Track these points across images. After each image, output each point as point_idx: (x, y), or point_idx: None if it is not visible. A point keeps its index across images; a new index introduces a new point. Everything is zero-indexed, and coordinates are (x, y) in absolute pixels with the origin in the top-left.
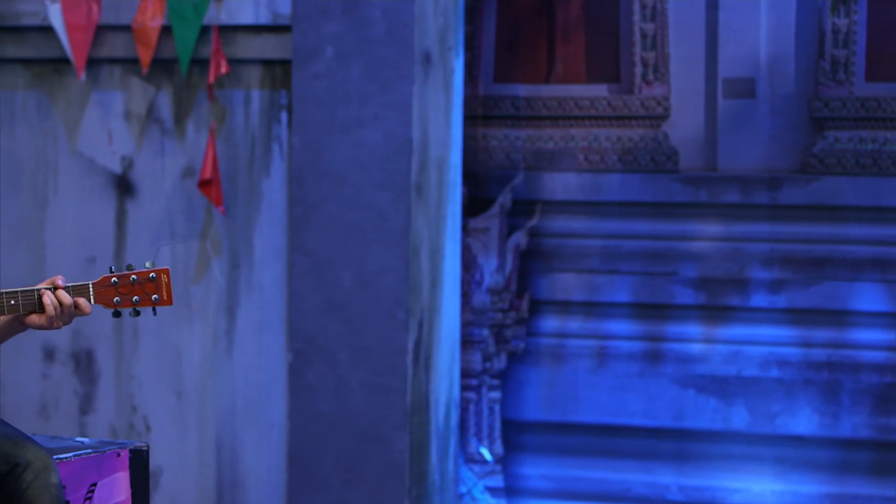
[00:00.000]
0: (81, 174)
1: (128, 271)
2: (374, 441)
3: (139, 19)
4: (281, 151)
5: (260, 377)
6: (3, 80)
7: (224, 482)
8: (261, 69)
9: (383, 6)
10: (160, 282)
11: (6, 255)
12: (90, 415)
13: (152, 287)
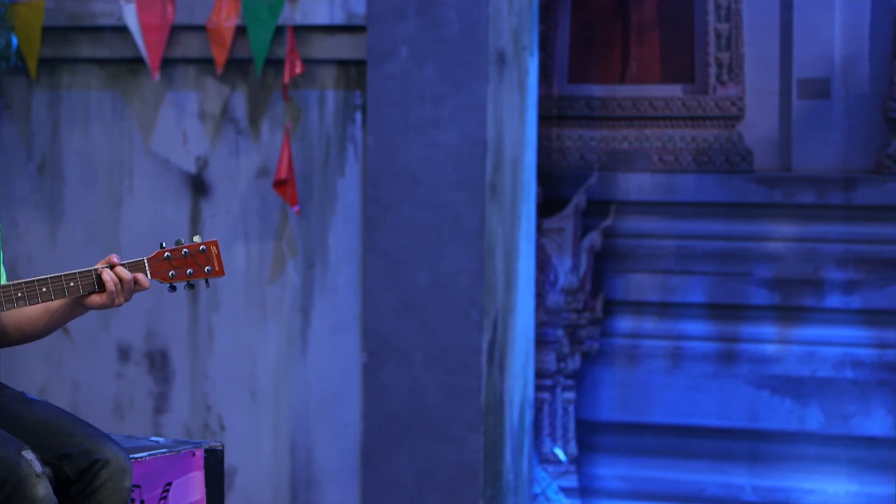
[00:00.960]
0: (156, 174)
1: (178, 245)
2: (448, 441)
3: (214, 19)
4: (355, 151)
5: (334, 377)
6: (78, 80)
7: (298, 482)
8: (335, 69)
9: (458, 6)
10: (211, 253)
11: (81, 255)
12: (165, 414)
13: (204, 259)
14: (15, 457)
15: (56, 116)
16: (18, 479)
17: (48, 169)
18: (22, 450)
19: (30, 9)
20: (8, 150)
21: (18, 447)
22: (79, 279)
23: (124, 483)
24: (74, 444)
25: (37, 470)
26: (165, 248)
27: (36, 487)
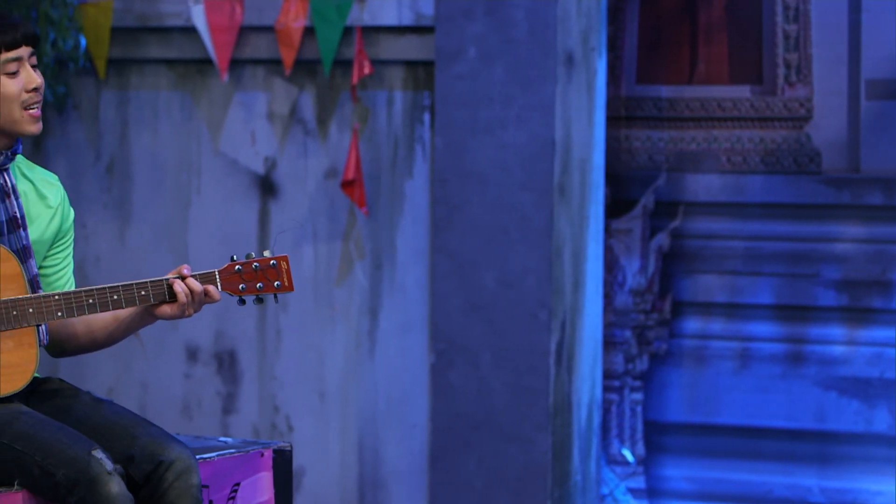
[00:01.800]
0: (224, 174)
1: (248, 259)
2: (516, 442)
3: (282, 20)
4: (424, 152)
5: (402, 378)
6: (146, 81)
7: (366, 482)
8: (403, 70)
9: (526, 7)
10: (280, 268)
11: (149, 255)
12: (233, 415)
13: (274, 273)
14: (85, 457)
15: (124, 117)
16: (90, 478)
17: (117, 169)
18: (92, 449)
19: (98, 10)
20: (76, 151)
21: (89, 447)
22: (150, 288)
23: (192, 480)
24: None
25: (108, 468)
26: (236, 261)
27: (109, 485)
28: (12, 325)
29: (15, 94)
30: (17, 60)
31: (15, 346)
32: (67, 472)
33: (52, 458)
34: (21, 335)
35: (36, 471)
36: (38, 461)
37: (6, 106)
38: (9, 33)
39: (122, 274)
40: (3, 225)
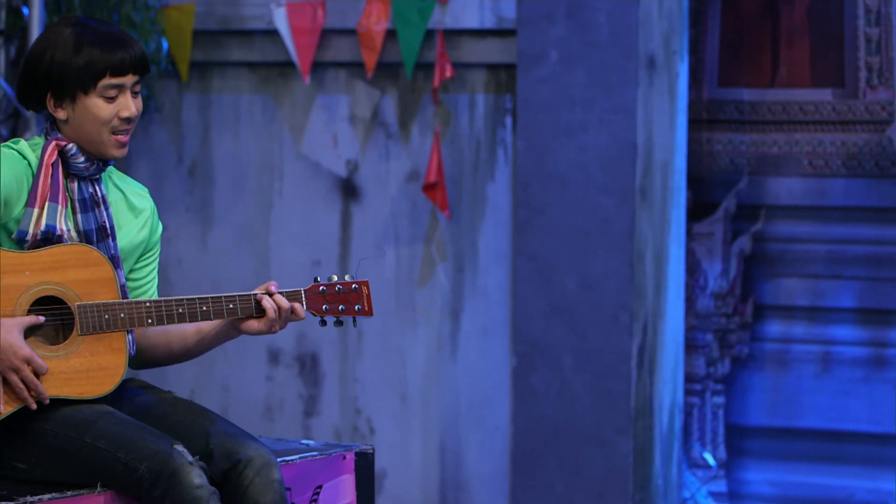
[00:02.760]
0: (306, 177)
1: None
2: (597, 445)
3: (364, 23)
4: (505, 155)
5: (484, 381)
6: (229, 84)
7: (448, 485)
8: (485, 73)
9: (608, 10)
10: (362, 293)
11: (231, 258)
12: (314, 417)
13: (356, 297)
14: (167, 449)
15: (206, 120)
16: (172, 470)
17: (199, 172)
18: (174, 443)
19: (181, 13)
20: (159, 154)
21: (170, 441)
22: (238, 302)
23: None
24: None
25: (189, 459)
26: (321, 282)
27: (191, 475)
28: (103, 329)
29: (106, 118)
30: (117, 87)
31: (105, 350)
32: (150, 465)
33: (135, 453)
34: (111, 339)
35: (119, 467)
36: (122, 457)
37: (95, 127)
38: (117, 55)
39: (204, 277)
40: (93, 233)
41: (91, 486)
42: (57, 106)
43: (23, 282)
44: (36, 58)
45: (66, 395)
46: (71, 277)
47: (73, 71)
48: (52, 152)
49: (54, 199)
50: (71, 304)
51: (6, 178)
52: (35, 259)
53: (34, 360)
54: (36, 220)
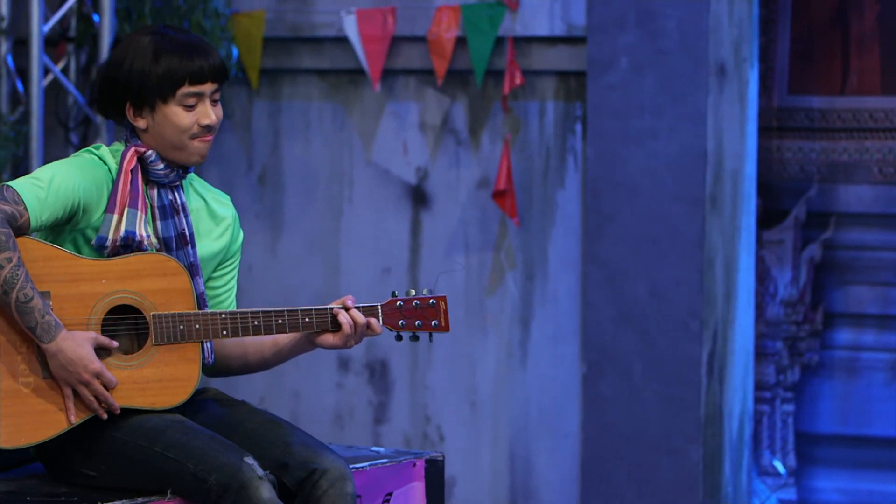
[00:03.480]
0: (376, 184)
1: (409, 297)
2: (667, 453)
3: (434, 30)
4: (575, 162)
5: (553, 388)
6: (299, 91)
7: (517, 492)
8: (555, 80)
9: (678, 17)
10: (439, 308)
11: (301, 265)
12: (384, 424)
13: (432, 313)
14: (237, 462)
15: (276, 127)
16: (241, 483)
17: (269, 179)
18: (244, 456)
19: (251, 20)
20: (229, 161)
21: (241, 453)
22: (314, 316)
23: (347, 489)
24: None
25: (258, 473)
26: (398, 297)
27: (259, 490)
28: (177, 340)
29: (186, 126)
30: (196, 96)
31: (178, 360)
32: (219, 477)
33: (205, 464)
34: (185, 350)
35: (188, 477)
36: (191, 468)
37: (175, 135)
38: (195, 63)
39: (274, 284)
40: (172, 241)
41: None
42: (136, 115)
43: (99, 290)
44: (114, 67)
45: (137, 405)
46: (147, 287)
47: (153, 79)
48: (132, 158)
49: (133, 204)
50: (146, 314)
51: (86, 183)
52: (112, 267)
53: (104, 374)
54: (115, 226)
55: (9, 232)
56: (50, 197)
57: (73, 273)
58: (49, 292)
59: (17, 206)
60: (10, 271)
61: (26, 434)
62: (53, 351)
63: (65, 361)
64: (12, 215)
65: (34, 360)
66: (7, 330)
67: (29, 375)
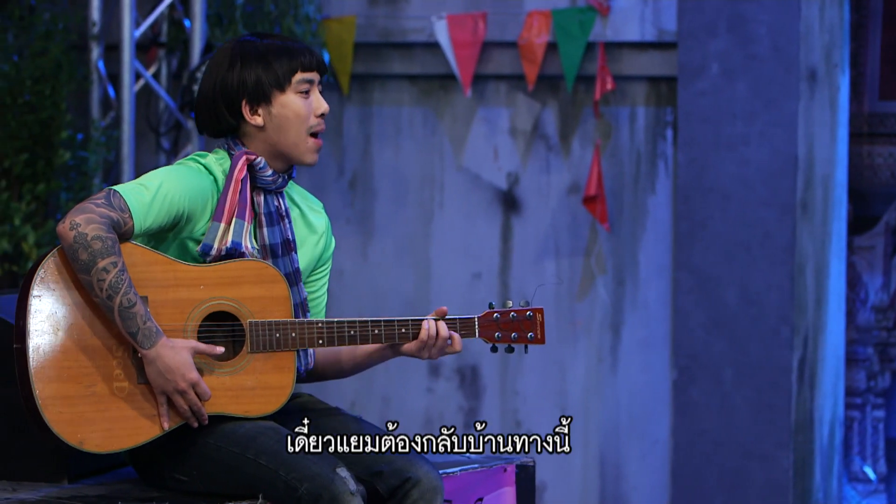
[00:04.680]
0: (467, 190)
1: (506, 308)
2: (757, 459)
3: (525, 36)
4: (666, 168)
5: (644, 394)
6: (389, 96)
7: (607, 498)
8: (646, 86)
9: (769, 23)
10: (535, 321)
11: (392, 270)
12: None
13: (529, 325)
14: (329, 474)
15: (367, 132)
16: (333, 495)
17: (359, 184)
18: (336, 467)
19: (342, 25)
20: (320, 166)
21: (333, 464)
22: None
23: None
24: (387, 462)
25: (351, 488)
26: (494, 308)
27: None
28: (273, 348)
29: (304, 114)
30: (309, 83)
31: (273, 369)
32: (310, 486)
33: (296, 472)
34: (280, 358)
35: (280, 485)
36: (282, 476)
37: (294, 126)
38: (305, 55)
39: (365, 288)
40: (278, 247)
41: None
42: (253, 112)
43: (197, 296)
44: (221, 73)
45: (230, 412)
46: (245, 294)
47: (269, 71)
48: (242, 167)
49: (241, 215)
50: (243, 321)
51: (192, 191)
52: (210, 273)
53: (200, 384)
54: (221, 236)
55: (114, 237)
56: (156, 204)
57: (171, 278)
58: (147, 297)
59: (122, 212)
60: (115, 276)
61: (119, 439)
62: (152, 357)
63: (163, 368)
64: (117, 221)
65: (129, 365)
66: (103, 335)
67: (123, 380)
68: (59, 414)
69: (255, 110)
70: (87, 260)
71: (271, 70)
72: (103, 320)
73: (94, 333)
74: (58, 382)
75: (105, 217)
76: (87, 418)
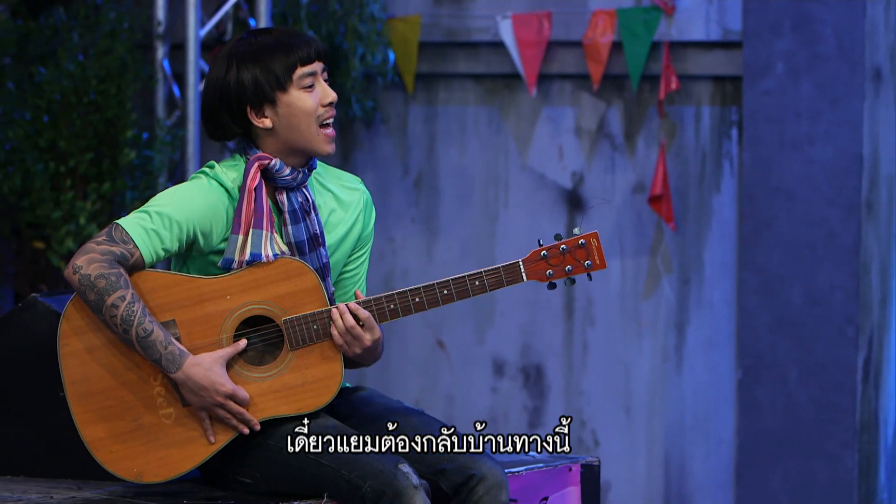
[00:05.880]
0: (532, 189)
1: (556, 241)
2: (822, 458)
3: (589, 35)
4: (731, 167)
5: (708, 393)
6: (454, 96)
7: (672, 497)
8: (711, 85)
9: (833, 22)
10: (591, 246)
11: (457, 269)
12: (539, 429)
13: (583, 254)
14: (392, 469)
15: (432, 131)
16: (396, 491)
17: (424, 184)
18: (399, 463)
19: (406, 24)
20: (385, 165)
21: (395, 461)
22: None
23: (501, 498)
24: (450, 459)
25: (414, 482)
26: (542, 246)
27: (414, 499)
28: (313, 340)
29: (311, 108)
30: (311, 75)
31: (318, 360)
32: (374, 484)
33: (359, 470)
34: (324, 348)
35: (343, 484)
36: (345, 475)
37: (304, 121)
38: (303, 49)
39: None
40: (305, 244)
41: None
42: (260, 115)
43: (225, 307)
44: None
45: (283, 413)
46: (273, 293)
47: (267, 74)
48: (255, 176)
49: (258, 224)
50: (277, 321)
51: (201, 209)
52: (234, 282)
53: (237, 393)
54: (241, 248)
55: (118, 272)
56: (161, 230)
57: (195, 296)
58: (174, 320)
59: (125, 244)
60: (125, 310)
61: (175, 464)
62: (182, 380)
63: (195, 388)
64: (122, 255)
65: (170, 390)
66: (137, 367)
67: (168, 407)
68: (111, 453)
69: (262, 113)
70: (95, 300)
71: (269, 71)
72: (134, 353)
73: (127, 367)
74: (103, 423)
75: (107, 254)
76: (138, 451)
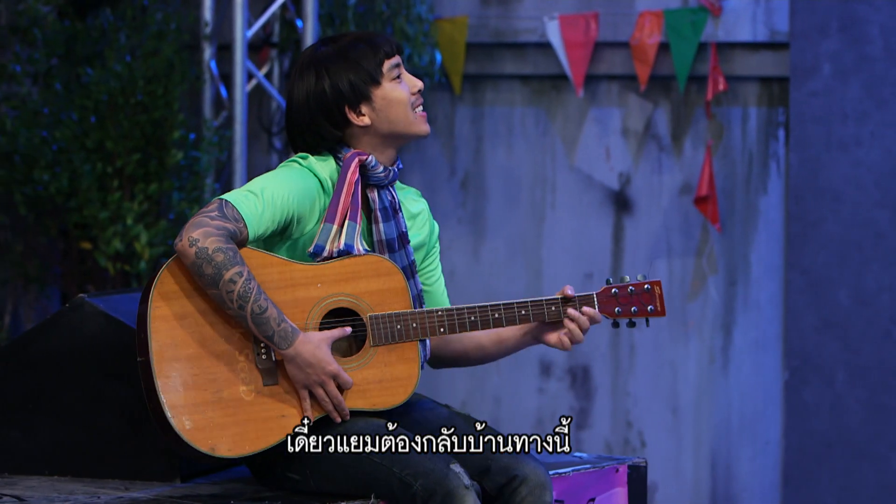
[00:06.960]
0: (579, 190)
1: (624, 283)
2: (870, 460)
3: (637, 36)
4: (778, 169)
5: (755, 394)
6: (501, 96)
7: (719, 498)
8: (758, 86)
9: (881, 23)
10: (654, 293)
11: (504, 270)
12: (585, 430)
13: (648, 298)
14: (444, 469)
15: (479, 132)
16: (447, 490)
17: (471, 184)
18: (450, 463)
19: (454, 25)
20: (432, 166)
21: (447, 460)
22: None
23: (545, 498)
24: (495, 460)
25: (465, 482)
26: (612, 283)
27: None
28: (395, 339)
29: (405, 97)
30: (397, 66)
31: (397, 360)
32: (425, 482)
33: (410, 469)
34: (404, 349)
35: (394, 482)
36: (397, 472)
37: (401, 110)
38: (385, 43)
39: (477, 289)
40: (395, 241)
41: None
42: (359, 114)
43: (315, 294)
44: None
45: (359, 407)
46: (362, 288)
47: (360, 71)
48: (355, 169)
49: (353, 217)
50: (363, 316)
51: (299, 194)
52: (327, 271)
53: (340, 375)
54: (334, 238)
55: (234, 248)
56: (267, 210)
57: (288, 279)
58: None
59: (237, 222)
60: (242, 286)
61: (249, 442)
62: (292, 356)
63: (303, 364)
64: (234, 232)
65: (254, 369)
66: (225, 341)
67: (249, 384)
68: (189, 422)
69: (360, 111)
70: (212, 274)
71: (361, 68)
72: (224, 327)
73: (216, 341)
74: (185, 391)
75: (222, 229)
76: (216, 424)
